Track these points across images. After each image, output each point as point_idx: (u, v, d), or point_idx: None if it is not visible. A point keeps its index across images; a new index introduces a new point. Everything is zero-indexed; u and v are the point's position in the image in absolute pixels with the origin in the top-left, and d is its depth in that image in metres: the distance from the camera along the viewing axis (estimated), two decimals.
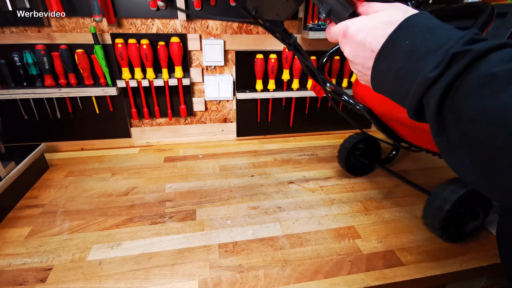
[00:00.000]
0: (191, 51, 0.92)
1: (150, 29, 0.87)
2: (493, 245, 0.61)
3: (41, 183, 0.79)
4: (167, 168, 0.88)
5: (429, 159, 0.94)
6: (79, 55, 0.83)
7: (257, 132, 1.10)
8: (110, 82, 0.89)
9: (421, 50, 0.28)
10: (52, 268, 0.54)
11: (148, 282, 0.52)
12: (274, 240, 0.62)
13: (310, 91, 1.01)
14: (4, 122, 0.89)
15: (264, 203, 0.73)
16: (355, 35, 0.33)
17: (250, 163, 0.91)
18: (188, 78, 0.92)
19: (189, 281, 0.52)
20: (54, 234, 0.62)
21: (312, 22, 0.91)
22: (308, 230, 0.64)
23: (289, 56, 0.93)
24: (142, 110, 0.97)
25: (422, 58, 0.27)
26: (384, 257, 0.58)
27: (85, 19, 0.83)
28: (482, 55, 0.24)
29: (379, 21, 0.32)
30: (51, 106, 0.90)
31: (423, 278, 0.54)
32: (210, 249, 0.59)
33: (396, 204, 0.73)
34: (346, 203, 0.73)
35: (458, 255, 0.58)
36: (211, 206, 0.71)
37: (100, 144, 1.00)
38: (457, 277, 0.57)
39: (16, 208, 0.70)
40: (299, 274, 0.54)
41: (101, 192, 0.76)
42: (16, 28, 0.81)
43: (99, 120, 0.96)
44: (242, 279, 0.53)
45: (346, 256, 0.58)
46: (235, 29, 0.92)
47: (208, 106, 1.03)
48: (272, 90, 0.99)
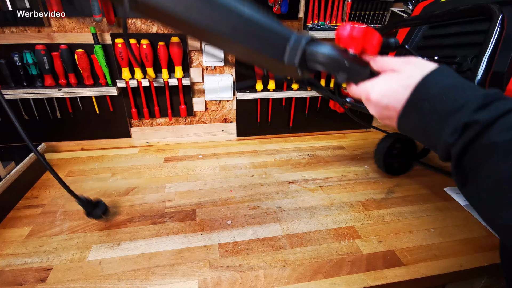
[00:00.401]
0: (191, 51, 0.92)
1: (150, 29, 0.87)
2: (493, 245, 0.61)
3: (41, 183, 0.79)
4: (167, 168, 0.88)
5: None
6: (79, 55, 0.83)
7: (257, 132, 1.10)
8: (110, 82, 0.89)
9: (440, 112, 0.31)
10: (52, 268, 0.54)
11: (148, 282, 0.52)
12: (274, 240, 0.62)
13: (309, 91, 1.01)
14: (4, 122, 0.89)
15: (264, 203, 0.73)
16: (379, 100, 0.36)
17: (250, 163, 0.91)
18: (188, 78, 0.92)
19: (189, 281, 0.52)
20: (54, 234, 0.62)
21: (312, 22, 0.91)
22: (308, 230, 0.64)
23: None
24: (142, 110, 0.97)
25: (441, 120, 0.31)
26: (384, 257, 0.58)
27: (85, 19, 0.83)
28: (489, 124, 0.28)
29: (399, 85, 0.34)
30: (51, 106, 0.90)
31: (423, 278, 0.54)
32: (210, 249, 0.59)
33: (396, 204, 0.73)
34: (346, 203, 0.73)
35: (458, 255, 0.58)
36: (211, 206, 0.71)
37: (100, 144, 1.00)
38: (457, 277, 0.57)
39: (16, 208, 0.70)
40: (299, 274, 0.54)
41: (101, 192, 0.76)
42: (16, 28, 0.81)
43: (99, 120, 0.96)
44: (242, 279, 0.53)
45: (346, 256, 0.58)
46: None
47: (208, 106, 1.03)
48: (272, 90, 0.99)
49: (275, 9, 0.88)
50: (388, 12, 0.94)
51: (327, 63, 0.38)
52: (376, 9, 0.93)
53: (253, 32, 0.38)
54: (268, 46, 0.39)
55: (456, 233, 0.64)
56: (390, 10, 0.93)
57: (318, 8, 0.90)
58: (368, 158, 0.95)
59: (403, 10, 0.91)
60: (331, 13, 0.91)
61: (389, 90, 0.35)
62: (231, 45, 0.39)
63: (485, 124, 0.28)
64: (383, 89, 0.35)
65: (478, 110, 0.28)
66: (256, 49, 0.39)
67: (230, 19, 0.37)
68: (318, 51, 0.38)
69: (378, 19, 0.95)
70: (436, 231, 0.65)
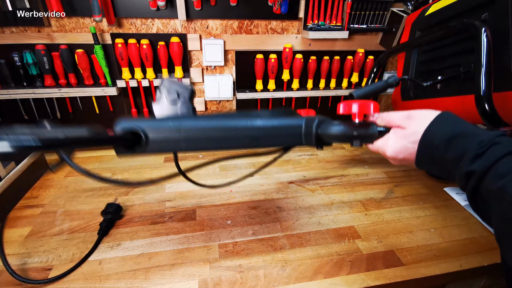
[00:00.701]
0: (191, 51, 0.92)
1: (150, 29, 0.87)
2: (493, 245, 0.61)
3: (41, 183, 0.79)
4: (167, 168, 0.88)
5: None
6: (79, 55, 0.83)
7: None
8: (110, 82, 0.89)
9: (448, 159, 0.36)
10: (52, 268, 0.54)
11: (148, 282, 0.52)
12: (274, 240, 0.62)
13: (309, 91, 1.01)
14: (4, 122, 0.89)
15: (264, 203, 0.73)
16: (395, 157, 0.42)
17: (250, 163, 0.91)
18: (188, 78, 0.92)
19: (189, 281, 0.52)
20: (54, 234, 0.62)
21: (312, 22, 0.91)
22: (308, 230, 0.64)
23: (289, 56, 0.93)
24: (142, 110, 0.97)
25: (450, 167, 0.36)
26: (384, 257, 0.58)
27: (85, 19, 0.83)
28: (483, 173, 0.32)
29: (408, 141, 0.40)
30: (51, 106, 0.91)
31: (423, 278, 0.54)
32: (210, 249, 0.59)
33: (396, 204, 0.73)
34: (346, 203, 0.73)
35: (458, 255, 0.58)
36: (211, 206, 0.71)
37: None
38: (457, 277, 0.57)
39: (16, 208, 0.70)
40: (299, 274, 0.54)
41: (101, 192, 0.76)
42: (16, 28, 0.81)
43: (99, 120, 0.96)
44: (242, 279, 0.53)
45: (346, 256, 0.58)
46: (235, 29, 0.92)
47: (208, 106, 1.03)
48: (272, 90, 0.99)
49: (275, 9, 0.88)
50: (388, 12, 0.94)
51: (339, 138, 0.45)
52: (376, 9, 0.93)
53: (270, 135, 0.46)
54: (286, 139, 0.47)
55: (456, 233, 0.64)
56: (390, 10, 0.93)
57: (318, 8, 0.90)
58: (368, 158, 0.95)
59: (403, 10, 0.91)
60: (331, 13, 0.91)
61: (401, 147, 0.41)
62: (255, 148, 0.47)
63: (480, 174, 0.32)
64: (395, 148, 0.42)
65: (475, 159, 0.33)
66: (276, 145, 0.47)
67: (248, 137, 0.45)
68: (328, 132, 0.45)
69: (378, 19, 0.95)
70: (436, 231, 0.65)
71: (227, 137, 0.44)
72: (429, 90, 0.69)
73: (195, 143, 0.43)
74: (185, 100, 0.47)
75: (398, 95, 0.81)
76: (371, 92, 0.60)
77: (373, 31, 0.97)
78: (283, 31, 0.95)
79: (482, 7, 0.56)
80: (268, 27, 0.93)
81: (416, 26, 0.74)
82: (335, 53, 0.98)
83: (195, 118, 0.44)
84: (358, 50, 0.98)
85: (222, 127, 0.44)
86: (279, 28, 0.94)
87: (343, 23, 0.92)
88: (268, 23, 0.93)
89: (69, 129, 0.31)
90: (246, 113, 0.48)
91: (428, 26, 0.71)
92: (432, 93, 0.69)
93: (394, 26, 0.92)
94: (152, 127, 0.41)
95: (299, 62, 0.94)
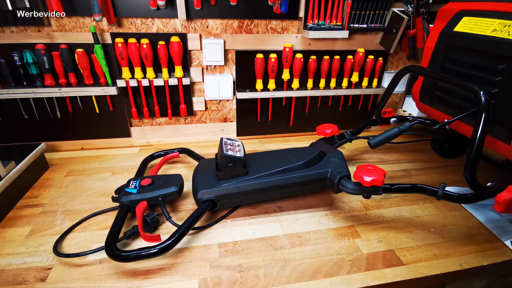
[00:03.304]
0: (191, 51, 0.92)
1: (150, 28, 0.87)
2: (493, 245, 0.61)
3: (41, 183, 0.79)
4: (167, 168, 0.88)
5: (430, 160, 0.94)
6: (79, 55, 0.83)
7: (257, 131, 1.10)
8: (110, 82, 0.89)
9: None
10: (52, 267, 0.54)
11: (148, 282, 0.52)
12: (274, 239, 0.62)
13: (309, 90, 1.01)
14: (4, 122, 0.89)
15: (264, 202, 0.73)
16: None
17: None
18: (188, 77, 0.92)
19: (189, 280, 0.52)
20: (54, 233, 0.62)
21: (312, 22, 0.91)
22: (308, 229, 0.64)
23: (289, 55, 0.93)
24: (142, 110, 0.97)
25: None
26: (384, 256, 0.58)
27: (85, 19, 0.83)
28: None
29: None
30: (51, 106, 0.90)
31: (423, 278, 0.54)
32: (210, 248, 0.59)
33: (396, 204, 0.73)
34: (346, 203, 0.73)
35: (458, 255, 0.59)
36: None
37: (100, 144, 1.00)
38: (457, 277, 0.57)
39: (16, 208, 0.70)
40: (299, 274, 0.54)
41: (101, 192, 0.76)
42: (16, 28, 0.81)
43: (99, 120, 0.96)
44: (242, 278, 0.53)
45: (346, 255, 0.58)
46: (235, 28, 0.92)
47: (208, 105, 1.03)
48: (272, 89, 0.99)
49: (275, 9, 0.88)
50: (389, 12, 0.94)
51: (354, 193, 0.61)
52: (376, 9, 0.93)
53: (303, 187, 0.68)
54: (314, 188, 0.71)
55: (456, 233, 0.64)
56: (391, 10, 0.93)
57: (318, 7, 0.90)
58: (368, 158, 0.95)
59: (403, 10, 0.91)
60: (331, 12, 0.91)
61: None
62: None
63: None
64: None
65: None
66: (307, 192, 0.74)
67: (287, 191, 0.68)
68: (346, 188, 0.62)
69: (379, 19, 0.95)
70: (436, 231, 0.65)
71: (273, 193, 0.67)
72: (442, 105, 0.75)
73: (251, 199, 0.68)
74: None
75: (417, 93, 0.83)
76: (385, 140, 0.70)
77: (373, 30, 0.97)
78: (283, 31, 0.94)
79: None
80: (268, 27, 0.93)
81: (444, 39, 0.72)
82: (335, 53, 0.98)
83: (249, 180, 0.65)
84: (358, 49, 0.98)
85: (268, 187, 0.66)
86: (279, 28, 0.94)
87: (343, 23, 0.92)
88: (268, 23, 0.92)
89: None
90: (281, 162, 0.69)
91: (454, 46, 0.70)
92: (444, 108, 0.75)
93: (395, 26, 0.92)
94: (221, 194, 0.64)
95: (299, 62, 0.94)
